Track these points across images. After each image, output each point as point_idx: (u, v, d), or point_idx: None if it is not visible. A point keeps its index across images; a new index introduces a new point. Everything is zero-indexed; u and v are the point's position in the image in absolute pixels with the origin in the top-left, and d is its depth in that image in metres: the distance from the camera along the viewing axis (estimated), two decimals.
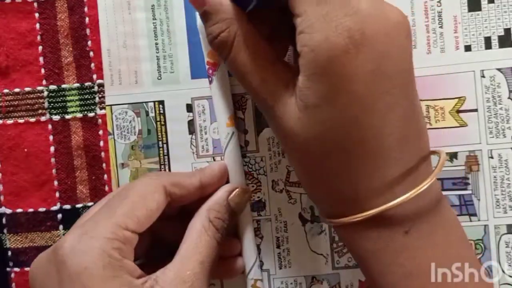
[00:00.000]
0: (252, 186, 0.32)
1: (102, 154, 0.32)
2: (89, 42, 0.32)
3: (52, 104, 0.32)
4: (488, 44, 0.31)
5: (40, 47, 0.32)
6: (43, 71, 0.32)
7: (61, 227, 0.32)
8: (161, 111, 0.32)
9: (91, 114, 0.32)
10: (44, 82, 0.32)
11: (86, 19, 0.32)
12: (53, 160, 0.32)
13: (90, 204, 0.32)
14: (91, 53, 0.32)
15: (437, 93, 0.31)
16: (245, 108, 0.32)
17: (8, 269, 0.32)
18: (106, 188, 0.32)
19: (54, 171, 0.32)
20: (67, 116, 0.32)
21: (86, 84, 0.32)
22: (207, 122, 0.32)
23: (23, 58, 0.32)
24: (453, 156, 0.31)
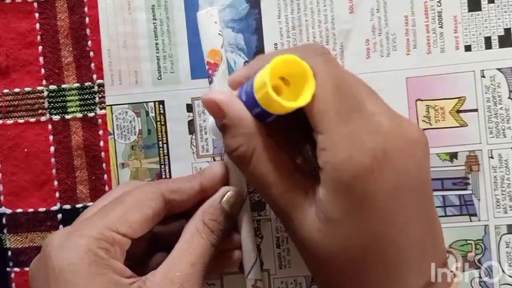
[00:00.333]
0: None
1: (102, 154, 0.32)
2: (89, 42, 0.32)
3: (52, 104, 0.32)
4: (488, 44, 0.31)
5: (40, 47, 0.32)
6: (43, 71, 0.32)
7: (61, 227, 0.32)
8: (161, 111, 0.32)
9: (91, 114, 0.32)
10: (44, 82, 0.32)
11: (86, 19, 0.32)
12: (53, 160, 0.32)
13: (90, 204, 0.32)
14: (91, 53, 0.32)
15: (437, 93, 0.31)
16: None
17: (8, 269, 0.32)
18: (106, 188, 0.32)
19: (54, 171, 0.32)
20: (67, 116, 0.32)
21: (86, 84, 0.32)
22: (207, 122, 0.32)
23: (23, 58, 0.32)
24: (453, 156, 0.31)
